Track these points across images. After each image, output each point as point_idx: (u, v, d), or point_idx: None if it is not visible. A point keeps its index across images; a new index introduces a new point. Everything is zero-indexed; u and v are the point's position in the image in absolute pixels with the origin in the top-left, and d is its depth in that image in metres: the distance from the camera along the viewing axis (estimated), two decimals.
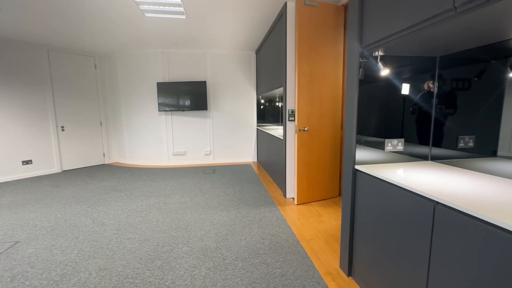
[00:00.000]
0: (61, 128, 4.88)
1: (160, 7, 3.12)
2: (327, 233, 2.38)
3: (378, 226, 1.44)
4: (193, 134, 5.46)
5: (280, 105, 5.87)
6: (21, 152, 4.42)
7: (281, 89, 3.79)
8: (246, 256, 2.01)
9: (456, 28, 1.11)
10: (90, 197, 3.44)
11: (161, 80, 5.19)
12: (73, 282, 1.74)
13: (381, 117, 1.82)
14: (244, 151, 5.69)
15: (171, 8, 3.18)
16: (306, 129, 2.96)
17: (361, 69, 1.60)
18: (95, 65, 5.31)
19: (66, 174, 4.69)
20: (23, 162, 4.44)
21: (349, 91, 1.66)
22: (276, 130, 4.52)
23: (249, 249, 2.12)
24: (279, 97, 5.92)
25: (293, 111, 3.13)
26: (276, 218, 2.71)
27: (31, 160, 4.52)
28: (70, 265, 1.92)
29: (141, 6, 3.07)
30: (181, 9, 3.18)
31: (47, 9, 3.10)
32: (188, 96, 5.19)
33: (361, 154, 1.65)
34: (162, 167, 5.29)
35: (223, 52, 5.31)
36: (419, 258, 1.15)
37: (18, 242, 2.27)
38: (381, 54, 1.50)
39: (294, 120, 3.10)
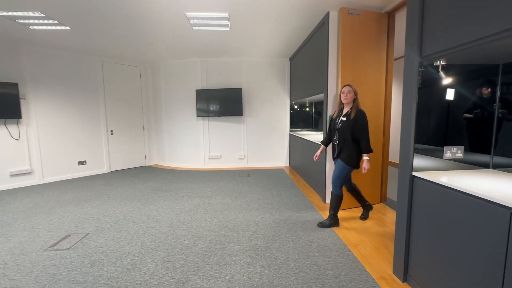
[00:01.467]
0: (111, 132, 5.34)
1: (208, 21, 3.36)
2: (374, 239, 2.39)
3: (441, 233, 1.45)
4: (228, 139, 5.68)
5: (312, 111, 5.92)
6: (77, 154, 4.91)
7: (315, 95, 3.87)
8: (297, 257, 2.09)
9: None
10: (140, 196, 3.74)
11: (199, 87, 5.49)
12: (144, 271, 1.94)
13: (435, 125, 1.84)
14: (276, 156, 5.80)
15: (218, 21, 3.41)
16: None
17: (418, 77, 1.64)
18: (140, 74, 5.77)
19: (114, 174, 5.12)
20: (79, 162, 4.93)
21: (406, 100, 1.69)
22: (309, 136, 4.57)
23: (298, 250, 2.20)
24: (309, 103, 5.98)
25: None
26: None
27: (85, 161, 5.01)
28: (137, 256, 2.14)
29: (191, 20, 3.33)
30: (227, 22, 3.39)
31: (107, 26, 3.48)
32: (224, 102, 5.43)
33: (416, 161, 1.67)
34: (199, 169, 5.55)
35: (258, 60, 5.50)
36: (491, 267, 1.16)
37: (88, 233, 2.56)
38: (443, 63, 1.53)
39: None
